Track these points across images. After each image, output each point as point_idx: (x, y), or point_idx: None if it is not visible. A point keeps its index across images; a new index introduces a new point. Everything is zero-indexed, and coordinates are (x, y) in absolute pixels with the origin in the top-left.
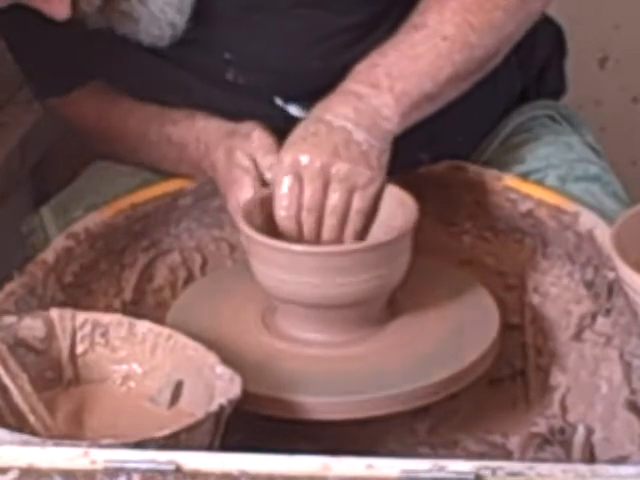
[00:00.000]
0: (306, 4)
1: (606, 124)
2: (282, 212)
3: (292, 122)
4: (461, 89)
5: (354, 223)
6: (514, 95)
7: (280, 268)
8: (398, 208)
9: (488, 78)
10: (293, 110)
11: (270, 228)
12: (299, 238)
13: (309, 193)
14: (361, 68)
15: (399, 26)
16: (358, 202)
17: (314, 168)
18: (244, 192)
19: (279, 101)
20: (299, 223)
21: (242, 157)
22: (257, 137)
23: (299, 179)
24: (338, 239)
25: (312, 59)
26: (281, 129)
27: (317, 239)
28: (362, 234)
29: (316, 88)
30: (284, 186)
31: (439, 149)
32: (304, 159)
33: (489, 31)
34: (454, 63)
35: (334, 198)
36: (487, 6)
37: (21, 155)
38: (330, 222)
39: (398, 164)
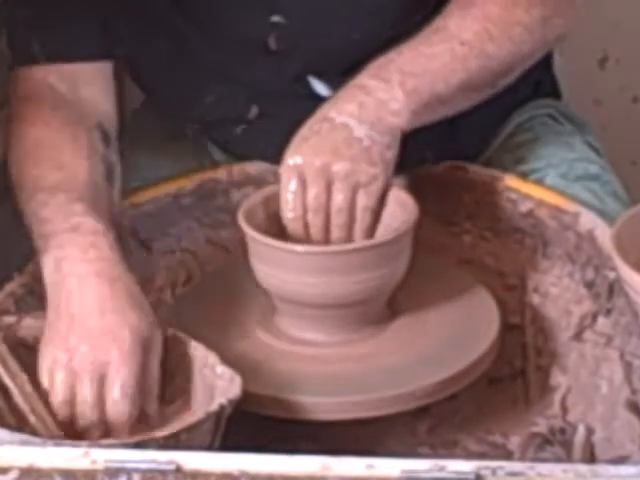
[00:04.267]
0: None
1: (606, 124)
2: (289, 214)
3: (317, 101)
4: (471, 100)
5: (362, 221)
6: (516, 96)
7: (281, 268)
8: (398, 208)
9: None
10: (320, 88)
11: (273, 226)
12: (307, 239)
13: (313, 194)
14: (375, 64)
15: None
16: (363, 199)
17: (315, 168)
18: None
19: (310, 77)
20: (306, 224)
21: None
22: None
23: (303, 180)
24: (347, 238)
25: (354, 31)
26: (305, 108)
27: (326, 239)
28: (372, 231)
29: (348, 64)
30: (289, 188)
31: (445, 148)
32: (305, 160)
33: (507, 44)
34: (468, 69)
35: (338, 198)
36: (508, 19)
37: None
38: (337, 221)
39: (403, 162)
